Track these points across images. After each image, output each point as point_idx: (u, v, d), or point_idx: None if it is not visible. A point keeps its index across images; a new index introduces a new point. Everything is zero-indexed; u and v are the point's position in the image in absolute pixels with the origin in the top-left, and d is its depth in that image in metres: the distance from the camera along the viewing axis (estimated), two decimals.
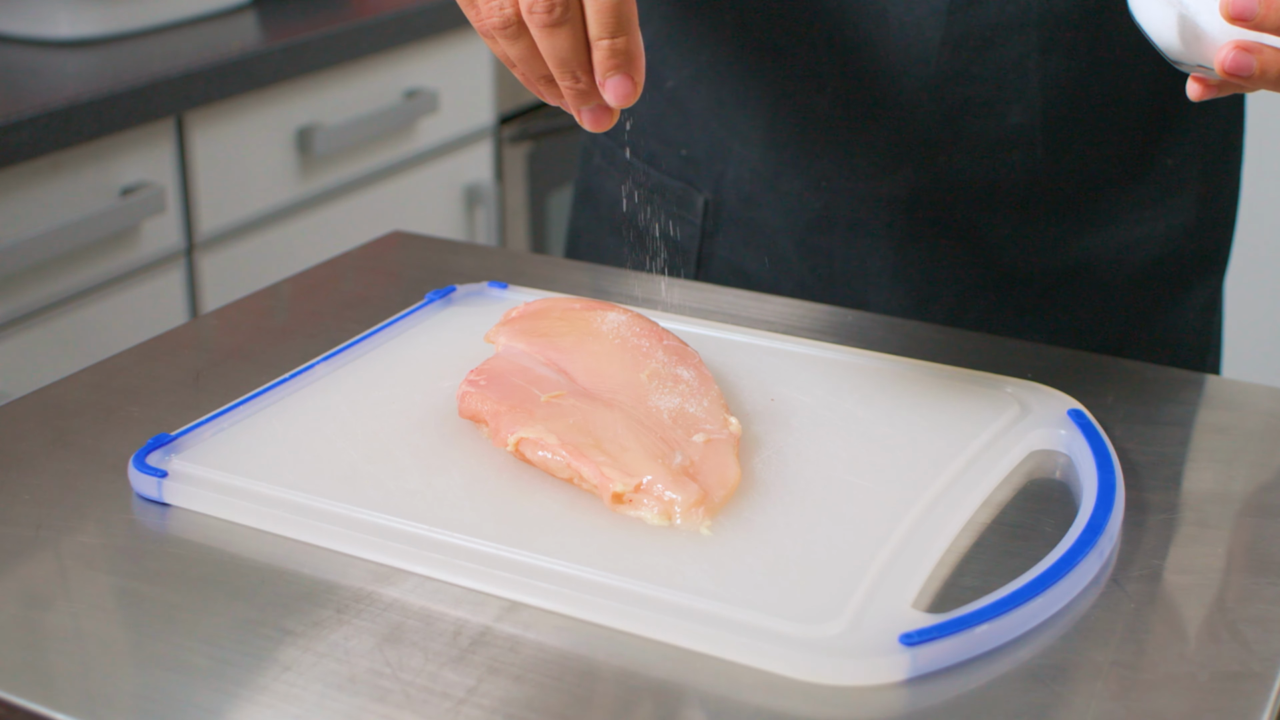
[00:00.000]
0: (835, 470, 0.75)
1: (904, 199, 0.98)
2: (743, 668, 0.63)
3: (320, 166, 1.85)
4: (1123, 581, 0.69)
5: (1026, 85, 0.94)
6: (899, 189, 0.98)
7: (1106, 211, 1.00)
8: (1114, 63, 0.95)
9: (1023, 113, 0.95)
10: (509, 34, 0.70)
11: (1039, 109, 0.94)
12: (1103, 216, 1.00)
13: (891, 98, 0.95)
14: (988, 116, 0.95)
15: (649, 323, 0.86)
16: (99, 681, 0.63)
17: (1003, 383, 0.84)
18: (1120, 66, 0.95)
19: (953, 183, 0.97)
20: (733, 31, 0.99)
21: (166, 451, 0.77)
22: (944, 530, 0.71)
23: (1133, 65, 0.95)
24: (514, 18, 0.69)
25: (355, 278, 1.05)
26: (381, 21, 1.87)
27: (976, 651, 0.64)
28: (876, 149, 0.97)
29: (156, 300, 1.66)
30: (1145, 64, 0.95)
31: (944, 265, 1.00)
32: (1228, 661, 0.63)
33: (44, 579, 0.70)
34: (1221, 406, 0.86)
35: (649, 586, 0.66)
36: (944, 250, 1.00)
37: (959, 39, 0.93)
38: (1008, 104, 0.94)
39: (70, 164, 1.53)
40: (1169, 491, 0.76)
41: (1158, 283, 1.03)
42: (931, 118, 0.95)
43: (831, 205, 1.00)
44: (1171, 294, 1.04)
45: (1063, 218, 0.99)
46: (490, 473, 0.75)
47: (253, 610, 0.67)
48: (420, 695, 0.61)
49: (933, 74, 0.94)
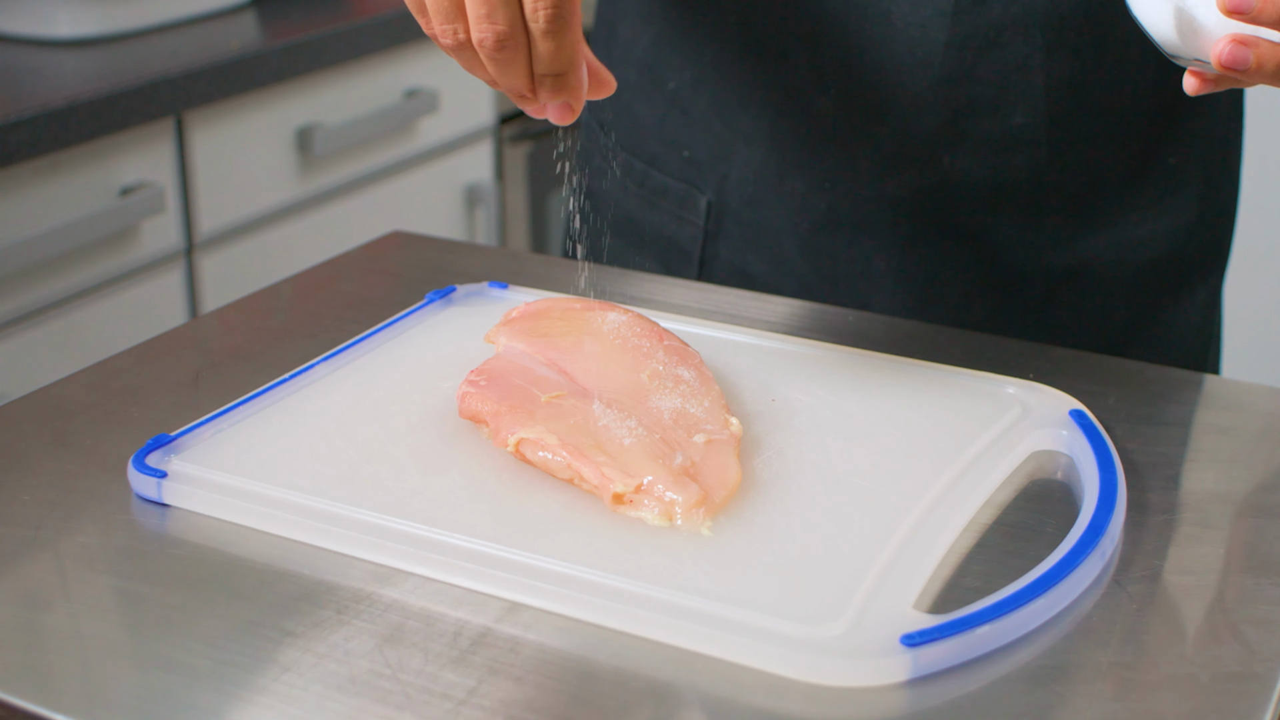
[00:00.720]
0: (836, 471, 0.75)
1: (908, 200, 0.98)
2: (744, 669, 0.62)
3: (320, 166, 1.85)
4: (1124, 582, 0.69)
5: (1031, 86, 0.94)
6: (903, 190, 0.98)
7: (1109, 211, 1.00)
8: (1118, 62, 0.95)
9: (1027, 113, 0.95)
10: (461, 56, 0.72)
11: (1043, 109, 0.94)
12: (1106, 216, 1.00)
13: (895, 99, 0.95)
14: (992, 117, 0.95)
15: (649, 323, 0.86)
16: (98, 683, 0.63)
17: (1004, 383, 0.84)
18: (1124, 65, 0.95)
19: (957, 183, 0.97)
20: (735, 32, 0.99)
21: (166, 452, 0.77)
22: (945, 531, 0.71)
23: (1138, 64, 0.95)
24: (466, 43, 0.71)
25: (355, 278, 1.05)
26: (382, 21, 1.87)
27: (978, 652, 0.64)
28: (881, 150, 0.97)
29: (156, 300, 1.66)
30: (1149, 63, 0.95)
31: (948, 266, 1.00)
32: (1229, 662, 0.63)
33: (43, 580, 0.70)
34: (1222, 407, 0.85)
35: (649, 587, 0.66)
36: (947, 251, 1.00)
37: (963, 40, 0.93)
38: (1012, 104, 0.95)
39: (69, 164, 1.53)
40: (1170, 492, 0.76)
41: (1159, 282, 1.03)
42: (936, 119, 0.95)
43: (835, 206, 1.00)
44: (1173, 293, 1.04)
45: (1066, 217, 0.99)
46: (490, 473, 0.75)
47: (252, 611, 0.66)
48: (420, 696, 0.61)
49: (937, 75, 0.94)
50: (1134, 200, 1.00)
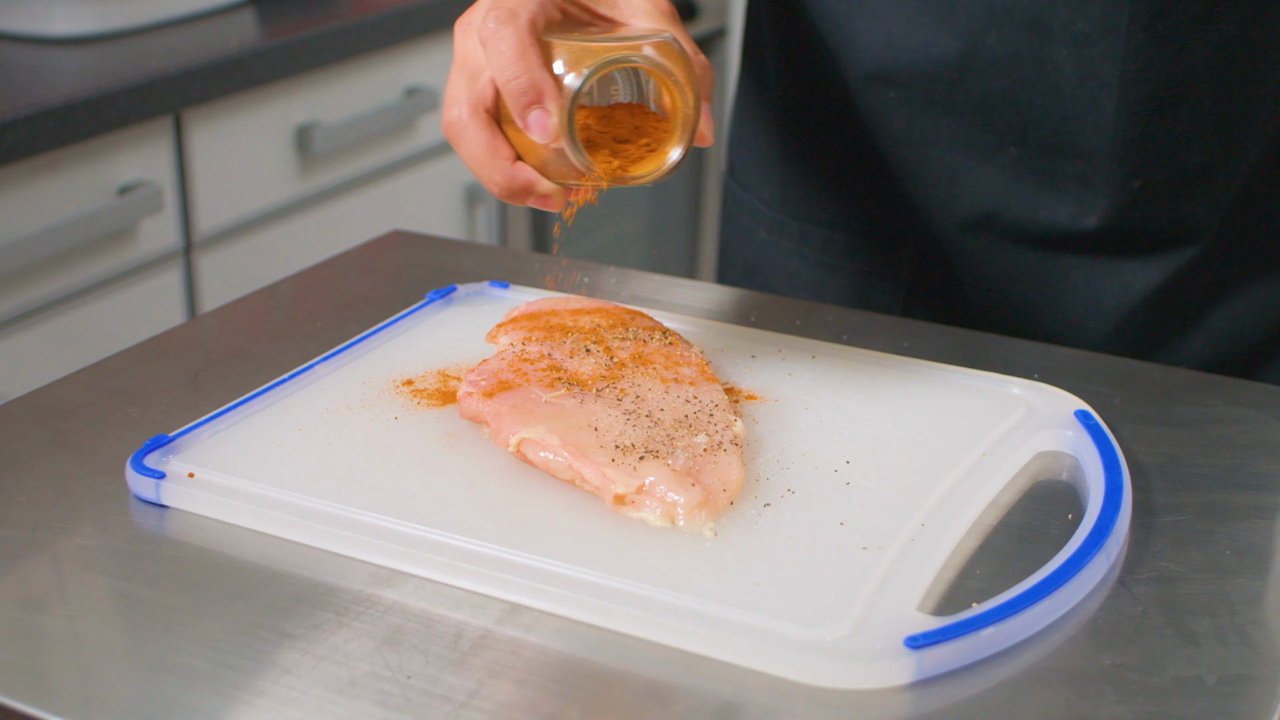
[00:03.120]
0: (840, 472, 0.75)
1: (1091, 239, 1.01)
2: (746, 671, 0.62)
3: (320, 165, 1.84)
4: (1130, 584, 0.68)
5: (1204, 131, 0.97)
6: (1090, 236, 1.01)
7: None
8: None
9: (1201, 153, 0.98)
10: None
11: (1221, 152, 0.98)
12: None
13: (1070, 164, 0.98)
14: (1169, 165, 0.98)
15: (652, 322, 0.86)
16: (96, 685, 0.63)
17: (1009, 383, 0.84)
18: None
19: (1139, 221, 1.00)
20: (921, 106, 1.02)
21: (164, 453, 0.77)
22: (949, 532, 0.71)
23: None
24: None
25: (355, 278, 1.05)
26: (382, 18, 1.86)
27: (982, 654, 0.63)
28: (1065, 199, 1.00)
29: (154, 300, 1.65)
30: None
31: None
32: (1235, 665, 0.63)
33: (40, 581, 0.69)
34: (1229, 407, 0.85)
35: (651, 589, 0.65)
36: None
37: (1132, 107, 0.95)
38: (1186, 148, 0.98)
39: (67, 162, 1.53)
40: (1176, 493, 0.76)
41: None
42: (1113, 177, 0.98)
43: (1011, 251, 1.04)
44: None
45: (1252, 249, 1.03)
46: (491, 474, 0.75)
47: (251, 613, 0.66)
48: (421, 699, 0.61)
49: (1109, 142, 0.96)
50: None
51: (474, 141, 0.76)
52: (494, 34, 0.74)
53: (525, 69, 0.73)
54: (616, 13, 0.80)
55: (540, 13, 0.75)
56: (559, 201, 0.77)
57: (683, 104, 0.75)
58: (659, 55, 0.74)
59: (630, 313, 0.87)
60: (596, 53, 0.74)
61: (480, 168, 0.76)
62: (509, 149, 0.76)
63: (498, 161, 0.76)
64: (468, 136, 0.76)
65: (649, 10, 0.79)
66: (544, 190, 0.77)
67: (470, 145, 0.76)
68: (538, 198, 0.77)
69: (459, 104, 0.76)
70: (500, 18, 0.74)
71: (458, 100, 0.76)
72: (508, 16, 0.74)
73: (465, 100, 0.76)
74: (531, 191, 0.77)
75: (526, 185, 0.76)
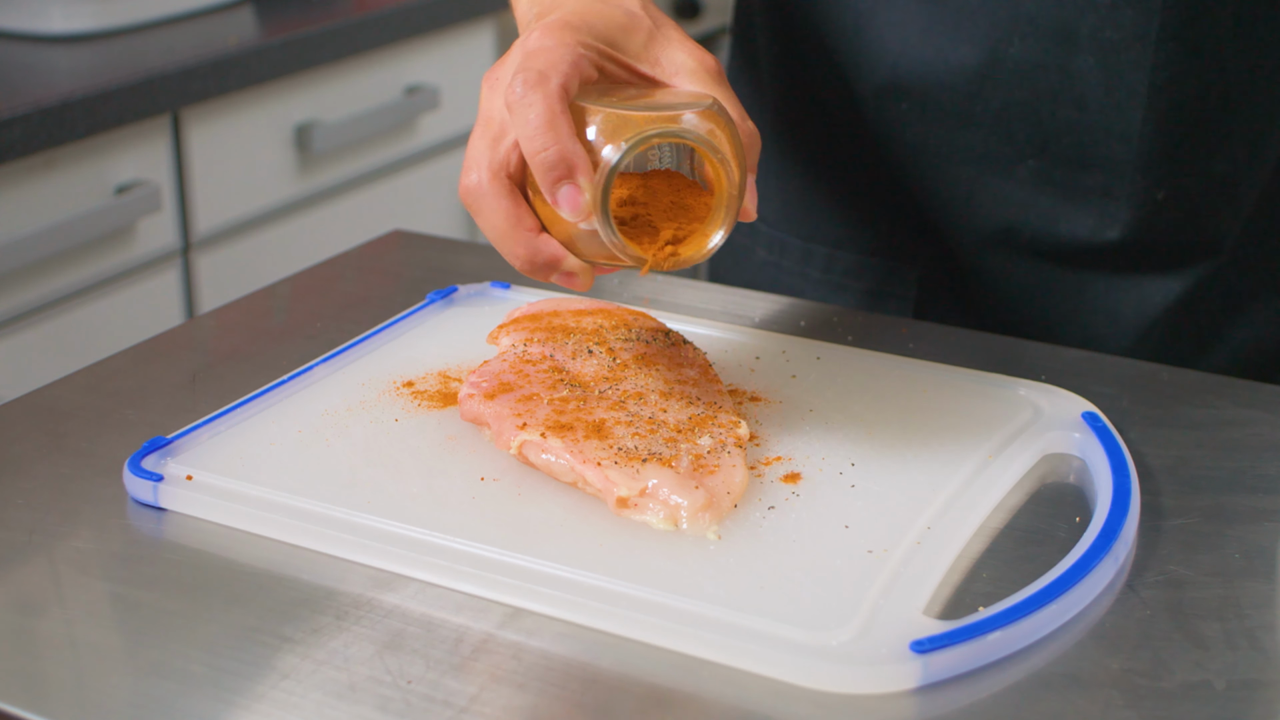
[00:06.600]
0: (845, 474, 0.74)
1: (1111, 252, 1.00)
2: (751, 675, 0.62)
3: (319, 164, 1.84)
4: (1138, 587, 0.68)
5: (1229, 141, 0.96)
6: (1111, 249, 1.00)
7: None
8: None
9: (1226, 164, 0.97)
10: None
11: (1244, 162, 0.97)
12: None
13: (1093, 175, 0.97)
14: (1194, 175, 0.97)
15: (655, 323, 0.85)
16: (93, 690, 0.62)
17: (1016, 385, 0.83)
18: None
19: (1161, 232, 0.99)
20: (937, 119, 1.00)
21: (162, 455, 0.76)
22: (956, 535, 0.70)
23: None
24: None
25: (355, 278, 1.04)
26: (381, 16, 1.86)
27: (989, 659, 0.63)
28: (1087, 211, 0.99)
29: (152, 301, 1.65)
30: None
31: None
32: (1245, 669, 0.63)
33: (37, 585, 0.69)
34: (1237, 409, 0.85)
35: (654, 592, 0.65)
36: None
37: (1160, 117, 0.94)
38: (1212, 158, 0.97)
39: (64, 161, 1.52)
40: (1184, 496, 0.75)
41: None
42: (1136, 189, 0.97)
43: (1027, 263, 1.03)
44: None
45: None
46: (492, 476, 0.74)
47: (250, 617, 0.66)
48: (421, 704, 0.60)
49: (1134, 153, 0.95)
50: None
51: (494, 210, 0.71)
52: (521, 99, 0.68)
53: (555, 139, 0.67)
54: (659, 70, 0.74)
55: (574, 74, 0.70)
56: (586, 281, 0.73)
57: (727, 182, 0.69)
58: (703, 126, 0.68)
59: (633, 313, 0.87)
60: (636, 124, 0.68)
61: (501, 239, 0.71)
62: (533, 219, 0.71)
63: (520, 233, 0.71)
64: (487, 204, 0.71)
65: (694, 70, 0.73)
66: (570, 268, 0.72)
67: (490, 214, 0.71)
68: (563, 275, 0.72)
69: (479, 168, 0.71)
70: (529, 81, 0.68)
71: (478, 164, 0.71)
72: (537, 80, 0.68)
73: (486, 165, 0.71)
74: (556, 268, 0.72)
75: (551, 261, 0.72)
